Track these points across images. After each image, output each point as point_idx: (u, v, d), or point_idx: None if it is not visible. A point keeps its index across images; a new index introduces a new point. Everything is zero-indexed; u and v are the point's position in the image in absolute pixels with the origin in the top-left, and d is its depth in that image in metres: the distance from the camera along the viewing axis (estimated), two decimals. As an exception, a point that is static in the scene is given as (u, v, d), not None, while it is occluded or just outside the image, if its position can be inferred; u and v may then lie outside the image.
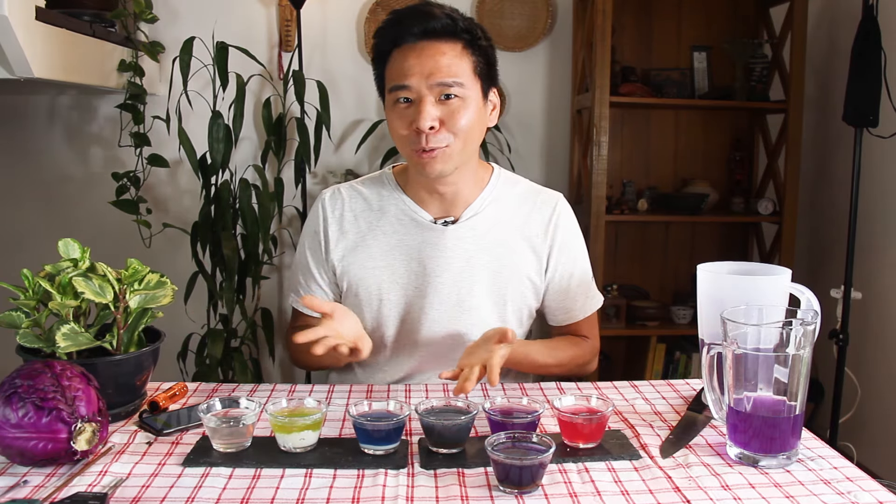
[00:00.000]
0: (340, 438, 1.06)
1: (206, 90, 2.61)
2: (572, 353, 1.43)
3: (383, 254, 1.37)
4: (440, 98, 1.24)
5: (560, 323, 1.47)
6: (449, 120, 1.25)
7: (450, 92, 1.24)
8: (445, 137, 1.25)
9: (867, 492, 0.91)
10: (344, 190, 1.43)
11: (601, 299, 1.48)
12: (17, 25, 1.78)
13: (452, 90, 1.24)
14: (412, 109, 1.25)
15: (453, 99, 1.25)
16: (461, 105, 1.25)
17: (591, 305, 1.46)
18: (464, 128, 1.26)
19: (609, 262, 2.97)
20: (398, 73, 1.26)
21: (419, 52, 1.25)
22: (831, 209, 2.93)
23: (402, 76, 1.25)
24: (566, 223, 1.43)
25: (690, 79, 2.93)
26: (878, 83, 2.34)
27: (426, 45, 1.25)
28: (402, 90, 1.25)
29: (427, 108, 1.23)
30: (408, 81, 1.24)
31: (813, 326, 0.97)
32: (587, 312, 1.46)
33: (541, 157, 3.04)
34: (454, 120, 1.25)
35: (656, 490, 0.91)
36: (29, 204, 2.86)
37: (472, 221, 1.38)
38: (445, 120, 1.25)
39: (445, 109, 1.25)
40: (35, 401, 0.92)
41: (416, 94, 1.25)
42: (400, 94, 1.26)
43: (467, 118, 1.26)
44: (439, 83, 1.23)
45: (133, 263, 1.13)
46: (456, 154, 1.28)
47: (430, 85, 1.23)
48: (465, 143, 1.28)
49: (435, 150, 1.25)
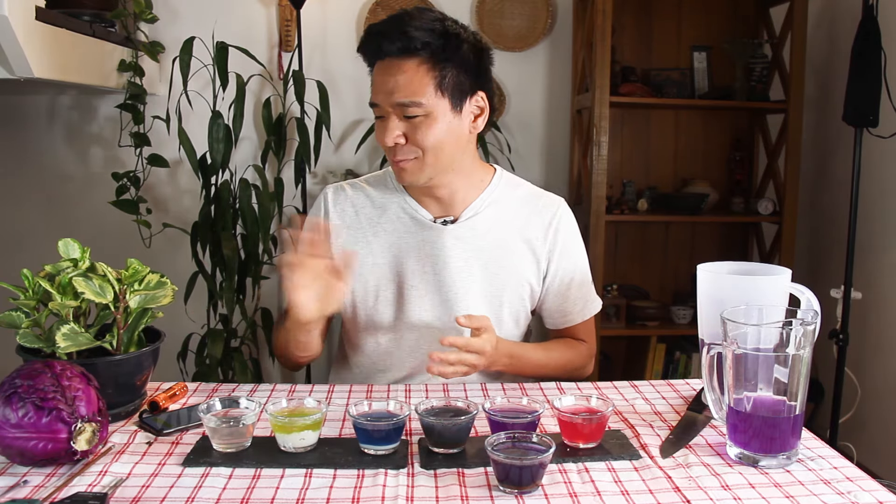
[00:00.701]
0: (340, 438, 1.06)
1: (206, 90, 2.61)
2: (568, 355, 1.44)
3: (382, 251, 1.38)
4: (404, 116, 1.26)
5: (557, 326, 1.48)
6: (412, 136, 1.27)
7: (409, 112, 1.26)
8: (412, 151, 1.28)
9: (867, 492, 0.91)
10: (347, 186, 1.44)
11: (599, 304, 1.49)
12: (17, 25, 1.78)
13: (410, 110, 1.25)
14: (382, 124, 1.29)
15: (416, 117, 1.26)
16: (424, 122, 1.26)
17: (590, 310, 1.47)
18: (430, 143, 1.27)
19: (609, 262, 2.97)
20: (372, 89, 1.30)
21: (384, 70, 1.27)
22: (831, 209, 2.93)
23: (373, 93, 1.29)
24: (567, 227, 1.43)
25: (690, 79, 2.93)
26: (878, 83, 2.34)
27: (388, 63, 1.27)
28: (375, 108, 1.29)
29: (390, 125, 1.27)
30: (375, 100, 1.29)
31: (813, 326, 0.97)
32: (585, 316, 1.47)
33: (541, 157, 3.04)
34: (417, 136, 1.27)
35: (656, 490, 0.91)
36: (29, 204, 2.86)
37: (471, 222, 1.38)
38: (409, 136, 1.27)
39: (409, 126, 1.27)
40: (35, 401, 0.92)
41: (383, 112, 1.28)
42: (375, 111, 1.30)
43: (433, 134, 1.27)
44: (398, 103, 1.25)
45: (133, 263, 1.13)
46: (428, 166, 1.29)
47: (392, 104, 1.26)
48: (437, 156, 1.29)
49: (403, 161, 1.29)
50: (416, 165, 1.29)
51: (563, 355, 1.44)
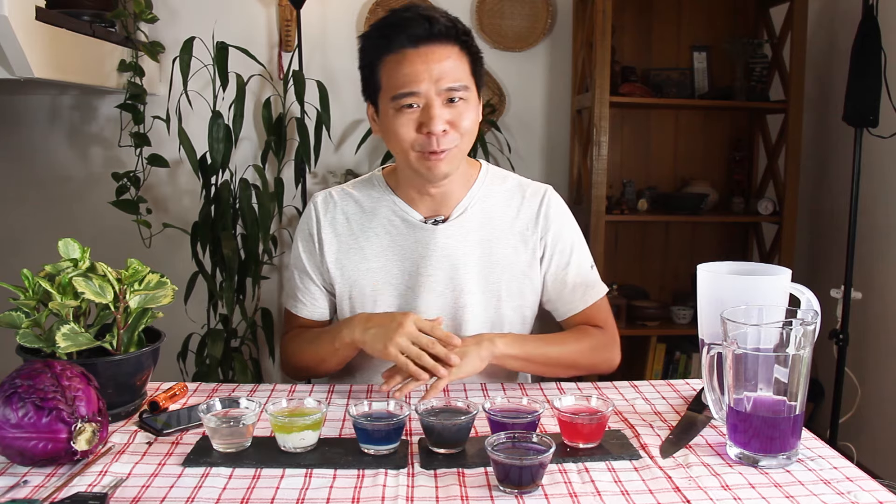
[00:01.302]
0: (340, 438, 1.06)
1: (206, 90, 2.61)
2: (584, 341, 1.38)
3: (376, 255, 1.38)
4: (446, 101, 1.25)
5: (565, 316, 1.43)
6: (456, 121, 1.26)
7: (456, 95, 1.25)
8: (454, 138, 1.27)
9: (867, 492, 0.91)
10: (335, 193, 1.43)
11: (604, 288, 1.43)
12: (17, 25, 1.78)
13: (458, 93, 1.25)
14: (420, 114, 1.25)
15: (458, 101, 1.26)
16: (465, 106, 1.27)
17: (593, 294, 1.41)
18: (468, 128, 1.28)
19: (609, 262, 2.97)
20: (403, 80, 1.24)
21: (424, 56, 1.24)
22: (831, 209, 2.93)
23: (410, 83, 1.24)
24: (555, 213, 1.41)
25: (690, 79, 2.93)
26: (878, 83, 2.34)
27: (430, 49, 1.24)
28: (410, 97, 1.24)
29: (438, 111, 1.24)
30: (417, 88, 1.24)
31: (813, 326, 0.97)
32: (589, 302, 1.41)
33: (541, 157, 3.04)
34: (460, 121, 1.26)
35: (656, 490, 0.91)
36: (29, 204, 2.86)
37: (461, 219, 1.37)
38: (453, 121, 1.26)
39: (453, 112, 1.26)
40: (35, 401, 0.92)
41: (424, 100, 1.25)
42: (406, 99, 1.25)
43: (471, 118, 1.28)
44: (448, 88, 1.24)
45: (133, 263, 1.13)
46: (460, 153, 1.30)
47: (439, 90, 1.24)
48: (469, 142, 1.31)
49: (444, 151, 1.26)
50: (454, 154, 1.28)
51: (580, 340, 1.38)
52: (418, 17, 1.24)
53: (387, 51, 1.26)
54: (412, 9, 1.26)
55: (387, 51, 1.26)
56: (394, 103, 1.26)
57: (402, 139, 1.27)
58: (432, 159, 1.26)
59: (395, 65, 1.25)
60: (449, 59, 1.24)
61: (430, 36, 1.24)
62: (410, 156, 1.28)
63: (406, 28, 1.24)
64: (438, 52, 1.24)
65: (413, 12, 1.25)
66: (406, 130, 1.26)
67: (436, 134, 1.24)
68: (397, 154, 1.31)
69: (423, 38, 1.24)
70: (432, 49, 1.24)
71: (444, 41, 1.25)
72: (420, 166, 1.29)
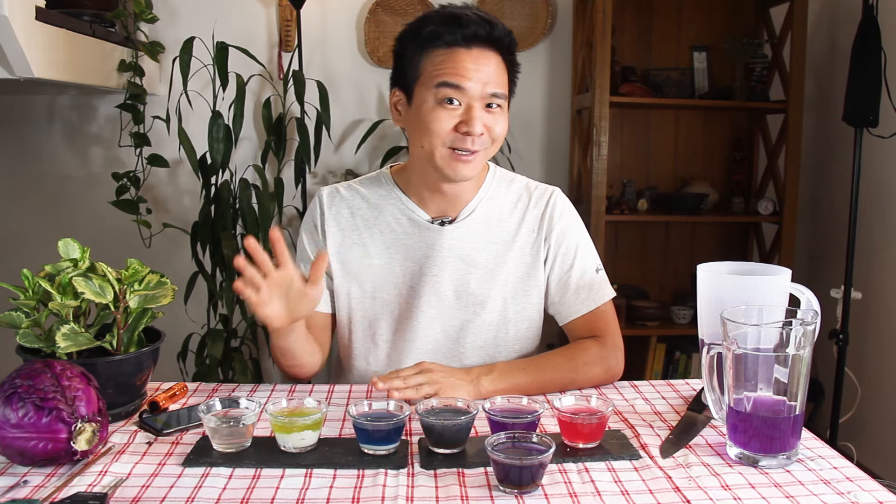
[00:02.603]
0: (340, 438, 1.06)
1: (206, 90, 2.61)
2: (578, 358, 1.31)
3: (379, 252, 1.37)
4: (485, 106, 1.26)
5: (567, 319, 1.40)
6: (492, 127, 1.28)
7: (495, 102, 1.27)
8: (486, 142, 1.28)
9: (867, 492, 0.91)
10: (341, 188, 1.43)
11: (610, 293, 1.39)
12: (17, 25, 1.78)
13: (498, 100, 1.27)
14: (459, 111, 1.25)
15: (496, 108, 1.27)
16: (501, 114, 1.29)
17: (597, 298, 1.37)
18: (500, 135, 1.30)
19: (609, 262, 2.97)
20: (452, 72, 1.24)
21: (476, 58, 1.25)
22: (831, 209, 2.93)
23: (459, 77, 1.24)
24: (561, 215, 1.40)
25: (690, 79, 2.93)
26: (878, 83, 2.34)
27: (482, 52, 1.25)
28: (454, 90, 1.24)
29: (480, 113, 1.25)
30: (464, 84, 1.24)
31: (813, 326, 0.97)
32: (592, 306, 1.37)
33: (541, 157, 3.04)
34: (495, 128, 1.28)
35: (656, 490, 0.91)
36: (29, 204, 2.86)
37: (468, 220, 1.37)
38: (490, 126, 1.27)
39: (490, 117, 1.27)
40: (35, 401, 0.92)
41: (466, 98, 1.25)
42: (450, 93, 1.24)
43: (503, 127, 1.30)
44: (492, 93, 1.26)
45: (133, 263, 1.13)
46: (486, 159, 1.32)
47: (483, 93, 1.25)
48: (495, 150, 1.33)
49: (476, 153, 1.27)
50: (480, 157, 1.29)
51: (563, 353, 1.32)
52: (479, 18, 1.25)
53: (438, 42, 1.25)
54: (470, 8, 1.27)
55: (438, 42, 1.25)
56: (437, 94, 1.24)
57: (434, 133, 1.26)
58: (462, 159, 1.27)
59: (444, 58, 1.25)
60: (496, 65, 1.27)
61: (488, 39, 1.25)
62: (439, 152, 1.27)
63: (464, 26, 1.24)
64: (488, 56, 1.26)
65: (472, 12, 1.27)
66: (442, 126, 1.25)
67: (474, 135, 1.25)
68: (422, 147, 1.28)
69: (480, 39, 1.25)
70: (484, 53, 1.26)
71: (494, 48, 1.27)
72: (445, 164, 1.28)
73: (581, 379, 1.30)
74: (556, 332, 1.58)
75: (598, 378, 1.31)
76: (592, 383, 1.31)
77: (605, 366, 1.32)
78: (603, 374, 1.32)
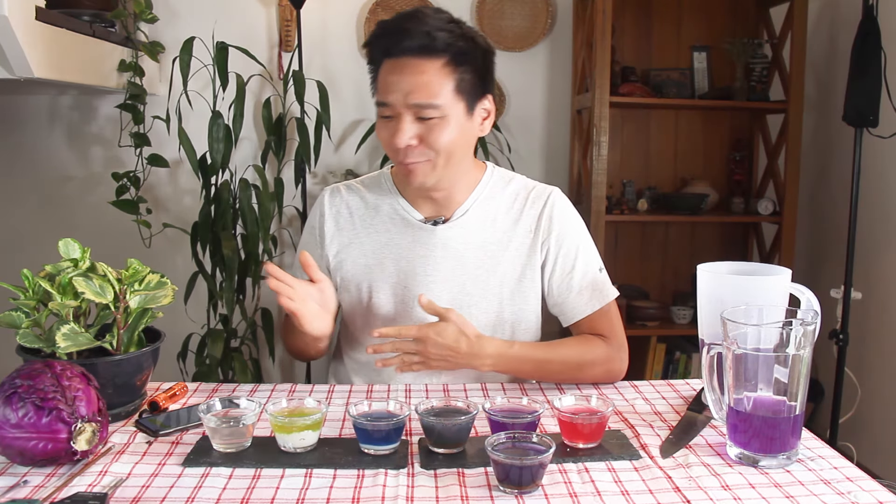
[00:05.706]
0: (340, 438, 1.06)
1: (206, 90, 2.60)
2: (578, 349, 1.32)
3: (374, 252, 1.38)
4: (418, 117, 1.24)
5: (571, 321, 1.40)
6: (427, 138, 1.25)
7: (425, 114, 1.24)
8: (425, 153, 1.26)
9: (867, 492, 0.91)
10: (343, 188, 1.45)
11: (613, 293, 1.39)
12: (17, 25, 1.78)
13: (427, 111, 1.23)
14: (392, 124, 1.26)
15: (431, 119, 1.24)
16: (439, 124, 1.25)
17: (600, 299, 1.37)
18: (444, 145, 1.26)
19: (609, 263, 2.95)
20: (382, 88, 1.26)
21: (400, 69, 1.24)
22: (831, 209, 2.93)
23: (384, 92, 1.25)
24: (560, 215, 1.38)
25: (690, 79, 2.93)
26: (878, 83, 2.34)
27: (407, 62, 1.23)
28: (384, 107, 1.26)
29: (404, 126, 1.24)
30: (387, 99, 1.24)
31: (813, 326, 0.97)
32: (597, 306, 1.36)
33: (541, 157, 3.04)
34: (432, 138, 1.25)
35: (656, 490, 0.91)
36: (29, 204, 2.86)
37: (462, 220, 1.37)
38: (424, 137, 1.25)
39: (424, 127, 1.25)
40: (35, 401, 0.92)
41: (394, 112, 1.25)
42: (382, 109, 1.27)
43: (446, 136, 1.25)
44: (416, 104, 1.23)
45: (133, 263, 1.13)
46: (439, 168, 1.28)
47: (407, 104, 1.23)
48: (449, 159, 1.28)
49: (414, 163, 1.27)
50: (427, 167, 1.27)
51: (572, 350, 1.32)
52: (400, 29, 1.24)
53: (381, 55, 1.27)
54: (401, 19, 1.26)
55: (381, 55, 1.27)
56: (377, 110, 1.28)
57: (384, 146, 1.31)
58: (409, 170, 1.28)
59: (383, 70, 1.27)
60: (423, 74, 1.22)
61: (413, 49, 1.23)
62: (395, 163, 1.31)
63: (395, 37, 1.24)
64: (414, 65, 1.23)
65: (400, 22, 1.25)
66: (384, 139, 1.29)
67: (400, 147, 1.25)
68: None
69: (408, 50, 1.23)
70: (410, 62, 1.23)
71: (425, 55, 1.23)
72: (402, 175, 1.32)
73: (584, 376, 1.31)
74: (557, 332, 1.58)
75: (600, 377, 1.32)
76: (594, 381, 1.31)
77: (609, 366, 1.33)
78: (606, 374, 1.32)
